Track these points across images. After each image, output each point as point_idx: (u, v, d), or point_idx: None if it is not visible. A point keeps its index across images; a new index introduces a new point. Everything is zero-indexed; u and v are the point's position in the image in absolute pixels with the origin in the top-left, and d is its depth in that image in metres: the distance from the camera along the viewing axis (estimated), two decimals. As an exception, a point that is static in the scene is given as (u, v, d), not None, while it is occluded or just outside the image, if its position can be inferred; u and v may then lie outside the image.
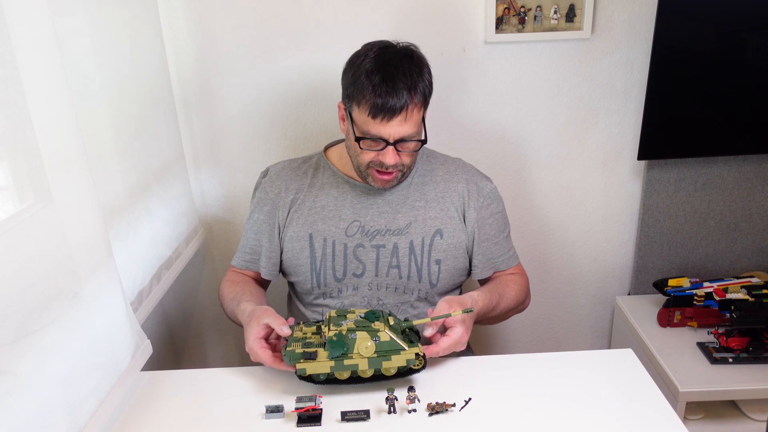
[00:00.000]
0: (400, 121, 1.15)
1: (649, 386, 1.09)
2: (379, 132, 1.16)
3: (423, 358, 1.07)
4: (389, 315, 1.11)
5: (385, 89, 1.13)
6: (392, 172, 1.22)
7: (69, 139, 0.95)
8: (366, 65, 1.16)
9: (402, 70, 1.15)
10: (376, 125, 1.16)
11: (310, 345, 1.06)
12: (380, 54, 1.17)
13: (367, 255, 1.28)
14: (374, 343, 1.03)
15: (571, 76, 1.67)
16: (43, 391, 0.86)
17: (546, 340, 1.99)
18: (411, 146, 1.20)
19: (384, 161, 1.18)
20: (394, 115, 1.14)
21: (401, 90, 1.13)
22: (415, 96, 1.15)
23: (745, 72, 1.59)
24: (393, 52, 1.18)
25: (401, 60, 1.17)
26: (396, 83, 1.13)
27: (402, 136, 1.17)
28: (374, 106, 1.14)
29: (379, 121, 1.15)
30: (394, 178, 1.24)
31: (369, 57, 1.17)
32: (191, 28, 1.58)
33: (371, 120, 1.15)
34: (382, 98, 1.13)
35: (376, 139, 1.17)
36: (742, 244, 1.83)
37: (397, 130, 1.16)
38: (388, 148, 1.17)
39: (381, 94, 1.13)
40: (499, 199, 1.36)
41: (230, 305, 1.28)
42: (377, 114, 1.14)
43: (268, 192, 1.34)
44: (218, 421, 1.03)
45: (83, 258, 0.99)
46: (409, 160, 1.23)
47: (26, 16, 0.85)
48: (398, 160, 1.20)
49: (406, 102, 1.14)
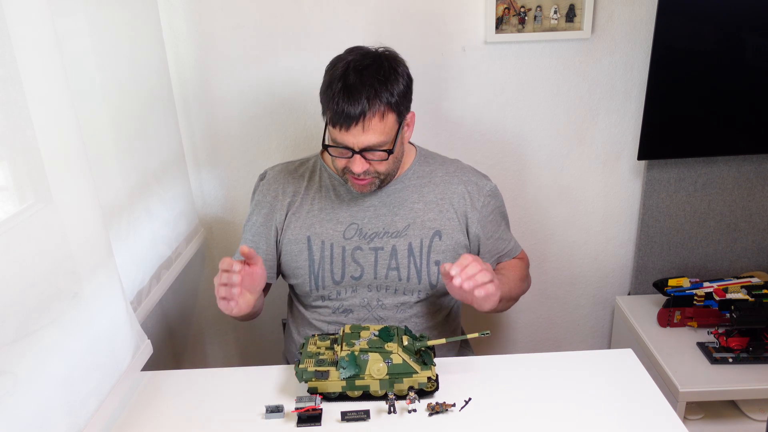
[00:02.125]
0: (358, 130, 1.13)
1: (649, 386, 1.09)
2: (342, 140, 1.15)
3: (435, 381, 1.07)
4: (404, 333, 1.10)
5: (343, 98, 1.12)
6: (365, 179, 1.21)
7: (69, 139, 0.95)
8: (333, 73, 1.16)
9: (365, 78, 1.13)
10: (336, 133, 1.15)
11: (322, 363, 1.06)
12: (348, 61, 1.16)
13: (366, 258, 1.28)
14: (386, 365, 1.03)
15: (571, 76, 1.67)
16: (43, 391, 0.86)
17: (546, 340, 1.99)
18: (377, 155, 1.17)
19: (352, 168, 1.18)
20: (351, 123, 1.13)
21: (360, 99, 1.11)
22: (375, 104, 1.12)
23: (745, 72, 1.59)
24: (361, 60, 1.16)
25: (366, 68, 1.15)
26: (354, 92, 1.12)
27: (366, 145, 1.15)
28: (334, 114, 1.13)
29: (338, 129, 1.14)
30: (369, 183, 1.22)
31: (338, 66, 1.16)
32: (191, 28, 1.58)
33: (333, 128, 1.15)
34: (338, 106, 1.12)
35: (341, 147, 1.17)
36: (742, 244, 1.83)
37: (360, 140, 1.14)
38: (355, 156, 1.16)
39: (338, 102, 1.12)
40: (498, 196, 1.37)
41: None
42: (336, 122, 1.14)
43: (265, 195, 1.34)
44: (218, 421, 1.03)
45: (83, 258, 0.99)
46: (383, 168, 1.21)
47: (26, 16, 0.85)
48: (367, 167, 1.18)
49: (363, 110, 1.12)
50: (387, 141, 1.17)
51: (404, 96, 1.18)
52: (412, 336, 1.10)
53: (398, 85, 1.16)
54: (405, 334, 1.10)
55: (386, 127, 1.15)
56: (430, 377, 1.05)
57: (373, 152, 1.17)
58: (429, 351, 1.10)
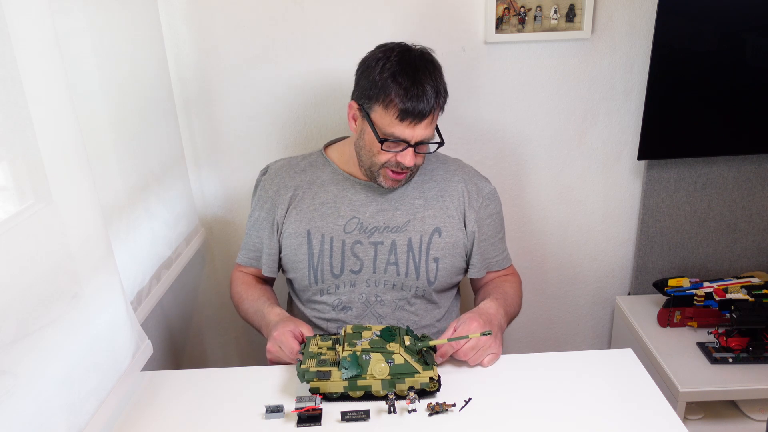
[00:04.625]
0: (426, 124, 1.17)
1: (649, 386, 1.09)
2: (404, 134, 1.18)
3: (437, 381, 1.07)
4: (406, 333, 1.10)
5: (415, 93, 1.14)
6: (404, 173, 1.24)
7: (69, 139, 0.95)
8: (390, 67, 1.17)
9: (428, 74, 1.17)
10: (402, 128, 1.17)
11: (324, 363, 1.06)
12: (403, 56, 1.18)
13: (365, 252, 1.28)
14: (388, 365, 1.03)
15: (571, 76, 1.67)
16: (43, 391, 0.86)
17: (546, 340, 1.99)
18: (430, 148, 1.23)
19: (403, 162, 1.20)
20: (423, 118, 1.16)
21: (429, 94, 1.15)
22: (439, 99, 1.18)
23: (745, 72, 1.59)
24: (415, 55, 1.20)
25: (426, 63, 1.19)
26: (424, 87, 1.15)
27: (424, 138, 1.19)
28: (403, 110, 1.15)
29: (407, 124, 1.16)
30: (405, 177, 1.26)
31: (391, 59, 1.18)
32: (191, 28, 1.58)
33: (398, 122, 1.16)
34: (412, 102, 1.14)
35: (397, 141, 1.19)
36: (742, 244, 1.83)
37: (422, 133, 1.18)
38: (409, 150, 1.19)
39: (411, 98, 1.14)
40: (497, 200, 1.37)
41: (254, 305, 1.31)
42: (405, 117, 1.16)
43: (267, 189, 1.35)
44: (218, 421, 1.04)
45: (83, 258, 0.99)
46: (422, 161, 1.26)
47: (26, 16, 0.85)
48: (415, 161, 1.22)
49: (433, 106, 1.16)
50: (434, 134, 1.22)
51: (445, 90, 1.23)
52: (414, 336, 1.10)
53: (443, 81, 1.22)
54: (407, 334, 1.10)
55: (436, 120, 1.22)
56: (432, 377, 1.05)
57: (425, 145, 1.21)
58: (431, 351, 1.10)
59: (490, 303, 1.23)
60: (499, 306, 1.23)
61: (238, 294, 1.38)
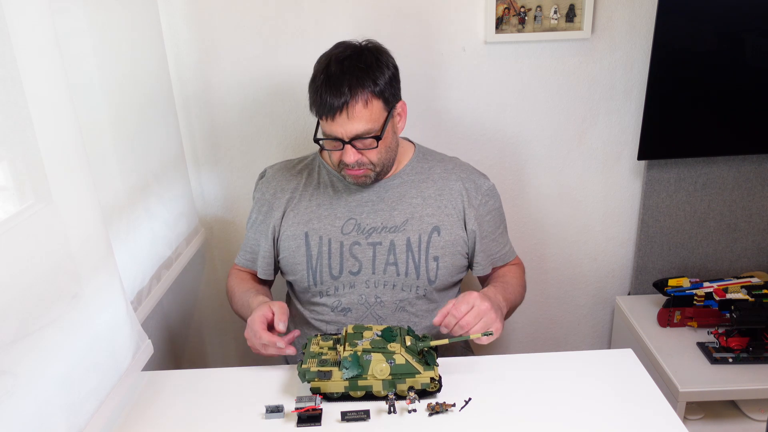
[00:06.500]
0: (344, 119, 1.16)
1: (649, 386, 1.09)
2: (330, 131, 1.19)
3: (438, 381, 1.07)
4: (407, 333, 1.10)
5: (326, 88, 1.15)
6: (359, 170, 1.23)
7: (69, 139, 0.95)
8: (319, 67, 1.19)
9: (345, 68, 1.16)
10: (327, 125, 1.19)
11: (325, 363, 1.06)
12: (331, 55, 1.19)
13: (364, 253, 1.28)
14: (389, 365, 1.03)
15: (571, 76, 1.67)
16: (43, 391, 0.86)
17: (546, 340, 1.99)
18: (366, 143, 1.20)
19: (344, 159, 1.20)
20: (335, 113, 1.15)
21: (342, 87, 1.14)
22: (357, 92, 1.15)
23: (745, 72, 1.59)
24: (342, 52, 1.19)
25: (346, 58, 1.17)
26: (336, 82, 1.15)
27: (354, 133, 1.17)
28: (320, 106, 1.17)
29: (325, 120, 1.18)
30: (364, 175, 1.25)
31: (321, 61, 1.20)
32: (191, 28, 1.58)
33: (324, 120, 1.19)
34: (322, 98, 1.16)
35: (331, 139, 1.19)
36: (742, 244, 1.83)
37: (347, 128, 1.17)
38: (346, 147, 1.19)
39: (321, 93, 1.16)
40: (496, 196, 1.37)
41: (243, 297, 1.31)
42: (321, 113, 1.17)
43: (264, 193, 1.36)
44: (218, 421, 1.03)
45: (83, 258, 0.99)
46: (375, 157, 1.22)
47: (26, 16, 0.85)
48: (359, 157, 1.21)
49: (346, 99, 1.14)
50: (375, 129, 1.19)
51: (389, 84, 1.20)
52: (415, 336, 1.10)
53: (381, 73, 1.18)
54: (408, 334, 1.10)
55: (372, 114, 1.17)
56: (433, 378, 1.05)
57: (362, 140, 1.19)
58: (432, 351, 1.10)
59: (489, 287, 1.25)
60: (497, 291, 1.23)
61: (230, 289, 1.38)
